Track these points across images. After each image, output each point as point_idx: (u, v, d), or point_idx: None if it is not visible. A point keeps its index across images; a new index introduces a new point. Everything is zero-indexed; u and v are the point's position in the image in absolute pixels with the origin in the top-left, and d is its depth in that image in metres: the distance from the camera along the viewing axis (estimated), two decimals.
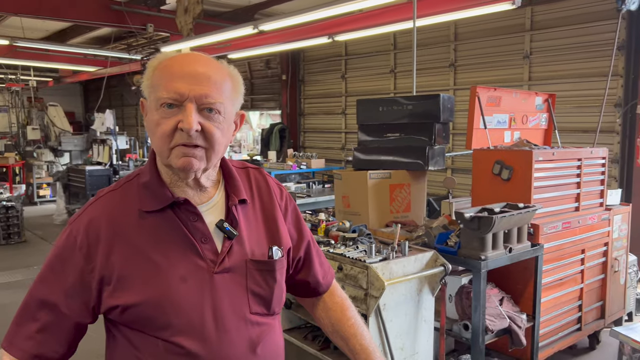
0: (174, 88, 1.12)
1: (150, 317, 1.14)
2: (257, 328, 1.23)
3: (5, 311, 5.07)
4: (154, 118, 1.14)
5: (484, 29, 7.08)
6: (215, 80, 1.15)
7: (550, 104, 4.45)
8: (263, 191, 1.35)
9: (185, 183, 1.21)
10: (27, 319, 1.17)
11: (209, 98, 1.13)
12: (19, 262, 7.17)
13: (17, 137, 13.16)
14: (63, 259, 1.17)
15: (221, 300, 1.18)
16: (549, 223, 3.52)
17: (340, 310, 1.47)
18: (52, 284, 1.17)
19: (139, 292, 1.14)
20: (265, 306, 1.25)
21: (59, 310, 1.16)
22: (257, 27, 6.13)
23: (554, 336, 3.72)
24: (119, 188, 1.25)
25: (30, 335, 1.16)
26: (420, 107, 3.69)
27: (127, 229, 1.17)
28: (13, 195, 9.00)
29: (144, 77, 1.21)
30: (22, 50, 9.53)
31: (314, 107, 10.26)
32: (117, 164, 9.87)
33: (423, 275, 2.75)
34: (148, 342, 1.16)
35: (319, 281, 1.46)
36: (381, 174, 3.64)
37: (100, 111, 10.77)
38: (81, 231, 1.17)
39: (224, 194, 1.28)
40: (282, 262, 1.29)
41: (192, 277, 1.17)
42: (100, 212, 1.20)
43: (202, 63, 1.17)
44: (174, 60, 1.17)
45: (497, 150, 3.64)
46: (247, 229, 1.26)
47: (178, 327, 1.15)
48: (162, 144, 1.14)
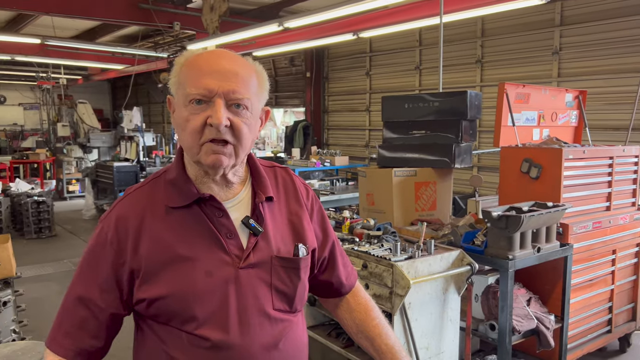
0: (203, 84, 1.13)
1: (175, 310, 1.16)
2: (280, 324, 1.24)
3: (37, 304, 5.20)
4: (183, 114, 1.16)
5: (512, 25, 6.96)
6: (242, 77, 1.17)
7: (581, 101, 4.35)
8: (289, 190, 1.36)
9: (212, 179, 1.23)
10: (66, 317, 1.21)
11: (237, 94, 1.15)
12: (49, 255, 7.35)
13: (48, 133, 13.50)
14: (96, 255, 1.21)
15: (245, 295, 1.19)
16: (579, 223, 3.44)
17: (364, 311, 1.47)
18: (87, 280, 1.20)
19: (164, 286, 1.16)
20: (288, 303, 1.26)
21: (95, 305, 1.19)
22: (282, 24, 6.15)
23: (583, 338, 3.64)
24: (147, 185, 1.27)
25: (69, 332, 1.19)
26: (447, 104, 3.65)
27: (154, 224, 1.19)
28: (44, 190, 9.23)
29: (171, 74, 1.22)
30: (53, 49, 9.76)
31: (338, 104, 10.24)
32: (144, 160, 10.03)
33: (449, 274, 2.72)
34: (173, 335, 1.18)
35: (342, 282, 1.46)
36: (406, 171, 3.61)
37: (127, 108, 10.96)
38: (112, 227, 1.20)
39: (250, 190, 1.29)
40: (306, 261, 1.30)
41: (217, 271, 1.18)
42: (128, 208, 1.22)
43: (229, 59, 1.18)
44: (201, 57, 1.19)
45: (525, 148, 3.58)
46: (273, 226, 1.27)
47: (202, 320, 1.16)
48: (192, 140, 1.15)
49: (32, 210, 8.30)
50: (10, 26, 10.24)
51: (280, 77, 11.56)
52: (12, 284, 3.93)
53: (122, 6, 7.72)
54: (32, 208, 8.31)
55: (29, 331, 4.33)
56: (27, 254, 7.24)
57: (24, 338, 3.97)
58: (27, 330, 4.31)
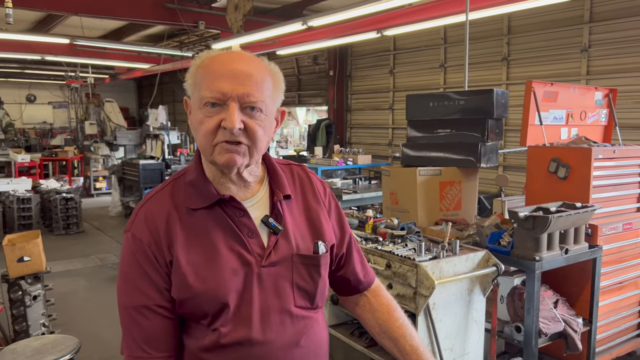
0: (217, 87, 1.14)
1: (206, 309, 1.18)
2: (302, 321, 1.25)
3: (66, 298, 5.32)
4: (198, 117, 1.17)
5: (539, 22, 6.83)
6: (256, 79, 1.17)
7: (611, 99, 4.24)
8: (307, 188, 1.37)
9: (229, 179, 1.24)
10: (137, 330, 1.19)
11: (251, 97, 1.15)
12: (77, 251, 7.51)
13: (76, 131, 13.78)
14: (140, 262, 1.19)
15: (267, 293, 1.21)
16: (609, 224, 3.37)
17: (387, 311, 1.47)
18: (143, 288, 1.19)
19: (193, 286, 1.17)
20: (310, 300, 1.28)
21: (161, 307, 1.18)
22: (306, 23, 6.15)
23: (611, 342, 3.56)
24: (166, 187, 1.28)
25: (147, 341, 1.18)
26: (473, 102, 3.60)
27: (178, 226, 1.20)
28: (72, 187, 9.43)
29: (187, 75, 1.23)
30: (81, 49, 9.96)
31: (361, 102, 10.21)
32: (169, 158, 10.17)
33: (474, 275, 2.68)
34: (199, 332, 1.20)
35: (360, 279, 1.46)
36: (431, 170, 3.58)
37: (153, 107, 11.11)
38: (144, 232, 1.20)
39: (268, 190, 1.31)
40: (326, 258, 1.31)
41: (241, 270, 1.20)
42: (153, 210, 1.23)
43: (243, 61, 1.19)
44: (215, 59, 1.19)
45: (553, 147, 3.51)
46: (292, 224, 1.29)
47: (228, 318, 1.18)
48: (205, 141, 1.17)
49: (60, 207, 8.49)
50: (40, 27, 10.48)
51: (303, 75, 11.58)
52: (42, 278, 4.03)
53: (148, 6, 7.84)
54: (61, 205, 8.50)
55: (58, 325, 4.44)
56: (55, 250, 7.41)
57: (53, 332, 4.07)
58: (56, 324, 4.42)
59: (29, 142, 14.06)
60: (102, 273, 6.42)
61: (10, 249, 3.78)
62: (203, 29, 8.24)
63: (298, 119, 14.90)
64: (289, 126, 15.48)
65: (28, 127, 16.37)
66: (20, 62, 13.89)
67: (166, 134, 10.32)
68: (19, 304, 3.88)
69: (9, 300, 3.90)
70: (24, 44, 9.41)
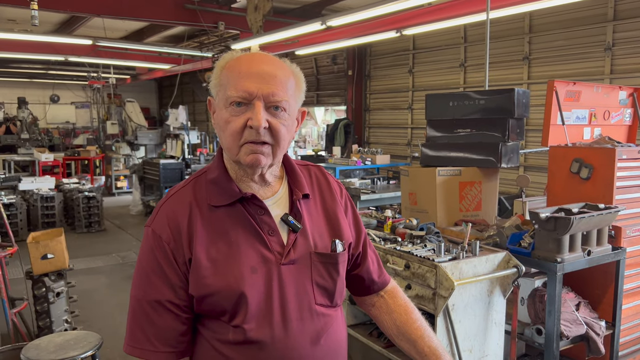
0: (243, 87, 1.16)
1: (224, 306, 1.19)
2: (322, 319, 1.26)
3: (88, 295, 5.41)
4: (224, 116, 1.20)
5: (562, 20, 6.72)
6: (280, 79, 1.20)
7: (636, 99, 4.16)
8: (324, 188, 1.40)
9: (251, 179, 1.26)
10: (147, 323, 1.21)
11: (275, 96, 1.18)
12: (99, 249, 7.64)
13: (98, 131, 14.01)
14: (157, 259, 1.21)
15: (288, 291, 1.22)
16: (633, 225, 3.30)
17: (404, 313, 1.47)
18: (157, 284, 1.20)
19: (213, 283, 1.18)
20: (329, 298, 1.29)
21: (174, 304, 1.20)
22: (325, 22, 6.15)
23: (635, 345, 3.49)
24: (189, 185, 1.30)
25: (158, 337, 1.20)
26: (494, 102, 3.56)
27: (200, 222, 1.22)
28: (94, 186, 9.59)
29: (212, 76, 1.26)
30: (103, 50, 10.11)
31: (380, 102, 10.17)
32: (189, 157, 10.27)
33: (494, 276, 2.66)
34: (220, 330, 1.21)
35: (374, 279, 1.48)
36: (451, 170, 3.55)
37: (173, 107, 11.24)
38: (165, 228, 1.22)
39: (287, 189, 1.33)
40: (344, 256, 1.33)
41: (261, 268, 1.21)
42: (175, 208, 1.25)
43: (268, 62, 1.21)
44: (241, 60, 1.22)
45: (575, 148, 3.46)
46: (310, 223, 1.30)
47: (249, 315, 1.19)
48: (232, 140, 1.19)
49: (82, 205, 8.63)
50: (64, 28, 10.67)
51: (322, 75, 11.58)
52: (65, 275, 4.11)
53: (169, 7, 7.92)
54: (83, 203, 8.65)
55: (80, 321, 4.52)
56: (78, 248, 7.54)
57: (75, 328, 4.14)
58: (79, 320, 4.50)
59: (52, 142, 14.33)
60: (123, 271, 6.52)
61: (35, 247, 3.86)
62: (223, 29, 8.30)
63: (316, 119, 14.91)
64: (307, 126, 15.51)
65: (51, 127, 16.68)
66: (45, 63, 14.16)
67: (186, 134, 10.42)
68: (42, 301, 3.96)
69: (33, 296, 3.99)
70: (48, 45, 9.59)
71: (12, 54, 10.47)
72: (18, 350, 2.62)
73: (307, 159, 10.01)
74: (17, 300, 3.89)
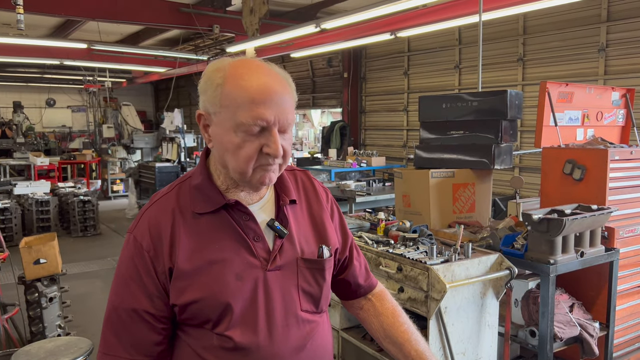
0: (259, 115, 1.12)
1: (208, 313, 1.18)
2: (307, 325, 1.25)
3: (82, 300, 5.39)
4: (234, 140, 1.14)
5: (556, 21, 6.74)
6: (289, 101, 1.18)
7: (629, 100, 4.17)
8: (310, 193, 1.39)
9: (241, 188, 1.25)
10: (122, 330, 1.20)
11: (289, 121, 1.18)
12: (94, 253, 7.61)
13: (94, 135, 13.99)
14: (137, 266, 1.19)
15: (274, 297, 1.21)
16: (626, 226, 3.30)
17: (391, 316, 1.46)
18: (135, 292, 1.19)
19: (197, 290, 1.17)
20: (315, 304, 1.28)
21: (149, 314, 1.19)
22: (320, 25, 6.16)
23: (629, 347, 3.49)
24: (172, 191, 1.28)
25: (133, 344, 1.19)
26: (486, 103, 3.56)
27: (184, 230, 1.20)
28: (90, 190, 9.56)
29: (202, 88, 1.19)
30: (98, 53, 10.10)
31: (376, 104, 10.18)
32: (185, 161, 10.25)
33: (487, 278, 2.65)
34: (204, 337, 1.20)
35: (360, 282, 1.48)
36: (444, 172, 3.55)
37: (169, 110, 11.22)
38: (145, 236, 1.20)
39: (274, 194, 1.32)
40: (330, 262, 1.32)
41: (247, 274, 1.20)
42: (158, 214, 1.23)
43: (275, 81, 1.16)
44: (246, 80, 1.14)
45: (568, 149, 3.46)
46: (296, 228, 1.29)
47: (233, 323, 1.17)
48: (244, 165, 1.16)
49: (78, 209, 8.61)
50: (59, 32, 10.67)
51: (317, 77, 11.59)
52: (58, 280, 4.09)
53: (164, 10, 7.93)
54: (78, 207, 8.62)
55: (73, 326, 4.50)
56: (73, 252, 7.52)
57: (68, 333, 4.12)
58: (72, 325, 4.48)
59: (48, 146, 14.30)
60: None
61: (27, 252, 3.84)
62: (218, 32, 8.30)
63: (313, 121, 14.93)
64: (304, 128, 15.52)
65: (47, 131, 16.65)
66: (40, 67, 14.15)
67: (182, 137, 10.41)
68: (35, 306, 3.94)
69: (26, 301, 3.97)
70: (43, 49, 9.59)
71: (7, 58, 10.47)
72: (8, 356, 2.60)
73: (304, 161, 10.01)
74: (9, 305, 3.87)
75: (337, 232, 1.40)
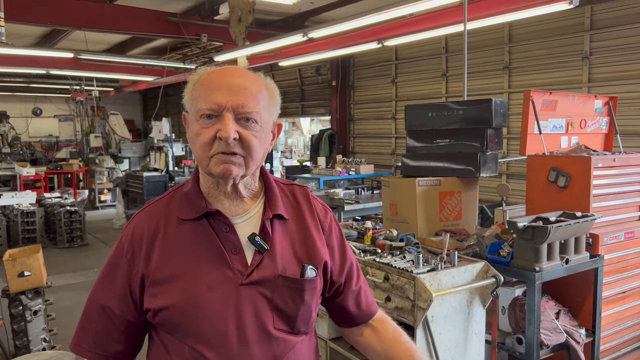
0: (212, 99, 1.16)
1: (178, 322, 1.18)
2: (281, 344, 1.22)
3: (68, 312, 5.31)
4: (195, 128, 1.19)
5: (540, 30, 6.83)
6: (251, 91, 1.19)
7: (612, 107, 4.22)
8: (304, 210, 1.35)
9: (223, 193, 1.25)
10: (89, 323, 1.26)
11: (245, 107, 1.17)
12: (80, 264, 7.52)
13: (81, 144, 13.87)
14: (114, 265, 1.25)
15: (245, 312, 1.19)
16: (610, 233, 3.34)
17: (392, 337, 1.42)
18: (106, 289, 1.25)
19: (168, 297, 1.18)
20: (289, 324, 1.24)
21: (113, 313, 1.22)
22: (307, 34, 6.18)
23: (615, 353, 3.51)
24: (165, 197, 1.31)
25: (94, 337, 1.25)
26: (472, 112, 3.59)
27: (166, 236, 1.22)
28: (77, 200, 9.47)
29: (185, 91, 1.26)
30: (85, 62, 10.04)
31: (364, 112, 10.22)
32: (173, 170, 10.20)
33: (473, 286, 2.66)
34: (176, 346, 1.20)
35: (359, 309, 1.42)
36: (430, 181, 3.57)
37: (157, 119, 11.17)
38: (128, 238, 1.24)
39: (262, 207, 1.30)
40: (313, 283, 1.27)
41: (219, 286, 1.19)
42: (144, 219, 1.27)
43: (238, 75, 1.21)
44: (212, 74, 1.22)
45: (552, 157, 3.49)
46: (281, 245, 1.26)
47: (202, 335, 1.17)
48: (202, 152, 1.18)
49: (64, 220, 8.52)
50: (45, 41, 10.61)
51: (306, 86, 11.61)
52: (43, 293, 4.03)
53: (151, 20, 7.91)
54: (65, 218, 8.53)
55: (59, 340, 4.43)
56: (59, 263, 7.43)
57: (54, 347, 4.06)
58: (58, 338, 4.41)
59: (34, 155, 14.15)
60: None
61: (11, 264, 3.79)
62: (205, 41, 8.30)
63: (302, 129, 14.93)
64: (293, 136, 15.52)
65: (34, 141, 16.49)
66: (26, 76, 14.04)
67: (170, 146, 10.36)
68: (19, 319, 3.88)
69: (10, 315, 3.91)
70: (29, 58, 9.51)
71: None
72: None
73: (293, 169, 10.00)
74: None
75: (334, 254, 1.36)
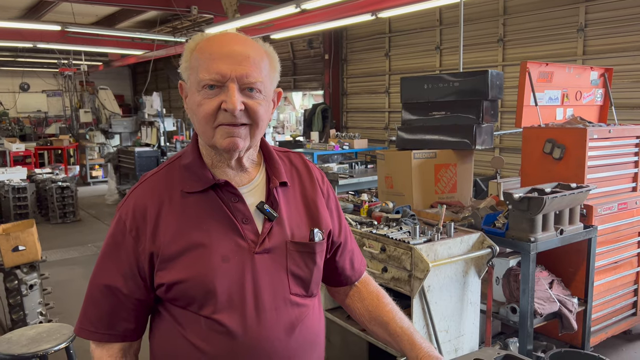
0: (215, 69, 1.12)
1: (193, 295, 1.17)
2: (297, 309, 1.24)
3: (63, 286, 5.32)
4: (196, 99, 1.15)
5: (535, 1, 6.76)
6: (254, 59, 1.16)
7: (607, 79, 4.22)
8: (304, 175, 1.36)
9: (227, 164, 1.23)
10: (94, 305, 1.23)
11: (250, 77, 1.14)
12: (74, 240, 7.50)
13: (71, 120, 13.69)
14: (117, 244, 1.21)
15: (262, 280, 1.19)
16: (604, 204, 3.37)
17: (376, 298, 1.46)
18: (110, 269, 1.21)
19: (182, 271, 1.16)
20: (304, 287, 1.26)
21: (121, 292, 1.20)
22: (300, 5, 6.07)
23: (607, 321, 3.59)
24: (162, 170, 1.27)
25: (100, 318, 1.21)
26: (468, 84, 3.57)
27: (171, 210, 1.19)
28: (68, 176, 9.39)
29: (181, 59, 1.21)
30: (73, 36, 9.84)
31: (357, 86, 10.14)
32: (165, 145, 10.11)
33: (469, 257, 2.68)
34: (191, 319, 1.18)
35: (352, 270, 1.46)
36: (426, 153, 3.56)
37: (147, 94, 11.02)
38: (129, 215, 1.20)
39: (264, 176, 1.29)
40: (322, 245, 1.30)
41: (234, 256, 1.18)
42: (145, 194, 1.22)
43: (240, 42, 1.17)
44: (211, 41, 1.17)
45: (548, 128, 3.50)
46: (287, 211, 1.27)
47: (219, 305, 1.16)
48: (205, 123, 1.15)
49: (56, 196, 8.46)
50: (31, 13, 10.36)
51: (298, 60, 11.48)
52: (38, 267, 4.02)
53: None
54: (57, 193, 8.47)
55: (55, 313, 4.45)
56: (52, 239, 7.40)
57: (50, 320, 4.08)
58: (54, 312, 4.43)
59: (23, 131, 13.97)
60: None
61: (5, 239, 3.77)
62: (196, 13, 8.16)
63: (294, 104, 14.83)
64: (286, 111, 15.41)
65: (22, 116, 16.27)
66: (12, 50, 13.76)
67: (161, 121, 10.25)
68: (15, 293, 3.88)
69: (5, 289, 3.90)
70: (15, 31, 9.30)
71: None
72: None
73: (285, 144, 9.95)
74: None
75: (332, 217, 1.37)
